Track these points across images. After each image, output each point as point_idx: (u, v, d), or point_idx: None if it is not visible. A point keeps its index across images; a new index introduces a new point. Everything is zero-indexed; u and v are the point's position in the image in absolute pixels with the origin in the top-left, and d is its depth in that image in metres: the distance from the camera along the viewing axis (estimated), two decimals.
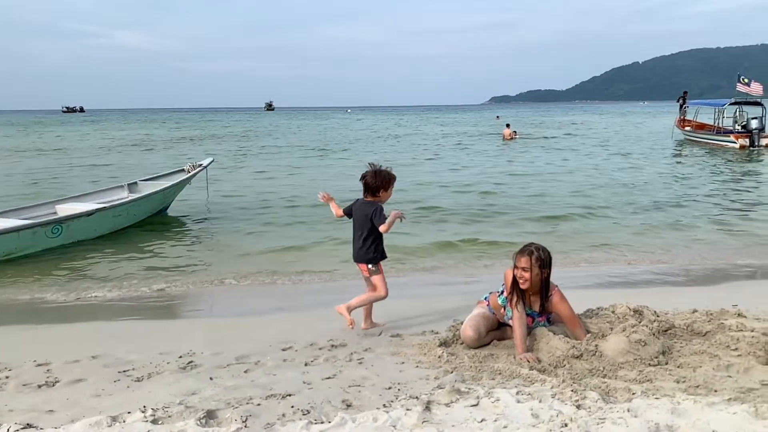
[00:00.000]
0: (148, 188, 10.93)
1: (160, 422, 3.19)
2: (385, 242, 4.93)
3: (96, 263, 7.97)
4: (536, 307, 4.32)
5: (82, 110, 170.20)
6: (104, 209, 9.40)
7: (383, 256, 4.89)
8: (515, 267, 4.20)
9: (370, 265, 4.83)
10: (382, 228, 4.62)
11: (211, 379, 3.92)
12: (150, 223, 10.54)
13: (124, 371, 4.11)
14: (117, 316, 5.92)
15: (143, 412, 3.28)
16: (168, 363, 4.25)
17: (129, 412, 3.30)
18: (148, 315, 5.97)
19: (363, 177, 4.81)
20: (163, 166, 17.87)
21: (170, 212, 11.52)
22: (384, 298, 4.86)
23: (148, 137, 42.03)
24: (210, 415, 3.26)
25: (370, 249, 4.79)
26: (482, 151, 26.65)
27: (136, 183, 11.39)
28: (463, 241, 8.91)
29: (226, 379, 3.92)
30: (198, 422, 3.14)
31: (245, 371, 4.06)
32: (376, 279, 4.85)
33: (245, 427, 3.12)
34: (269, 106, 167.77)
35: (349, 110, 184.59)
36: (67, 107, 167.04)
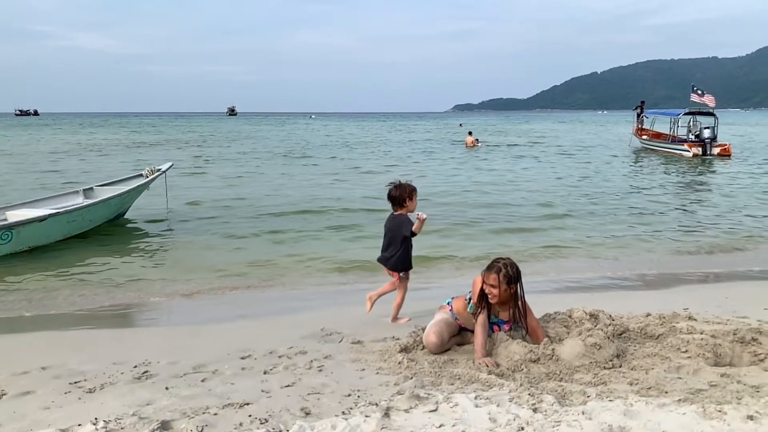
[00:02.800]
0: (104, 193, 10.66)
1: None
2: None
3: (47, 271, 7.71)
4: (503, 316, 4.37)
5: (36, 113, 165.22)
6: (58, 214, 9.11)
7: (410, 267, 5.41)
8: (484, 282, 4.25)
9: (401, 274, 5.35)
10: (415, 229, 5.14)
11: (166, 389, 3.83)
12: (106, 229, 10.28)
13: (76, 382, 3.98)
14: (69, 325, 5.74)
15: (94, 424, 3.18)
16: (122, 373, 4.13)
17: (80, 425, 3.20)
18: (101, 324, 5.81)
19: (388, 193, 5.30)
20: (121, 171, 17.45)
21: (128, 218, 11.26)
22: (405, 290, 5.44)
23: (105, 141, 41.02)
24: (165, 426, 3.18)
25: (398, 260, 5.29)
26: (446, 159, 26.89)
27: (92, 188, 11.09)
28: (428, 252, 8.91)
29: (182, 388, 3.83)
30: None
31: (202, 380, 3.98)
32: (402, 285, 5.39)
33: None
34: (231, 111, 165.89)
35: (312, 116, 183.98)
36: (20, 110, 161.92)
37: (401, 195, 5.22)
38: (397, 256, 5.28)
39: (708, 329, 4.51)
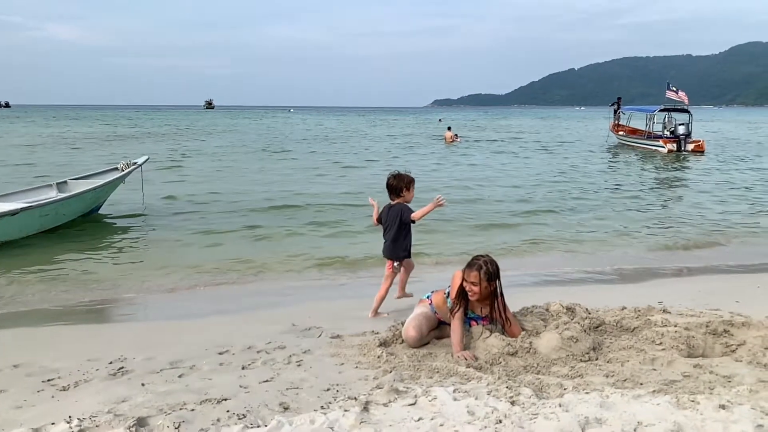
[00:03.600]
0: (78, 187, 10.47)
1: None
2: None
3: (19, 267, 7.54)
4: (479, 312, 4.40)
5: (7, 105, 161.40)
6: (30, 208, 8.93)
7: (407, 256, 5.46)
8: (464, 280, 4.26)
9: (395, 263, 5.37)
10: (414, 216, 5.21)
11: (142, 385, 3.78)
12: (80, 224, 10.10)
13: (49, 380, 3.91)
14: (42, 322, 5.62)
15: (68, 422, 3.12)
16: (97, 370, 4.07)
17: (53, 423, 3.14)
18: (75, 320, 5.70)
19: (387, 182, 5.39)
20: (95, 165, 17.14)
21: (103, 213, 11.08)
22: (389, 287, 5.43)
23: (79, 135, 40.27)
24: (141, 423, 3.14)
25: (397, 248, 5.35)
26: (426, 154, 26.91)
27: (65, 182, 10.88)
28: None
29: (158, 384, 3.78)
30: (128, 431, 3.02)
31: (179, 376, 3.93)
32: (388, 274, 5.39)
33: None
34: (209, 105, 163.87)
35: (291, 110, 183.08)
36: None
37: (399, 185, 5.29)
38: (396, 243, 5.32)
39: (682, 322, 4.59)
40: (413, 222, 5.29)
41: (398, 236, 5.31)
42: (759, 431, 2.77)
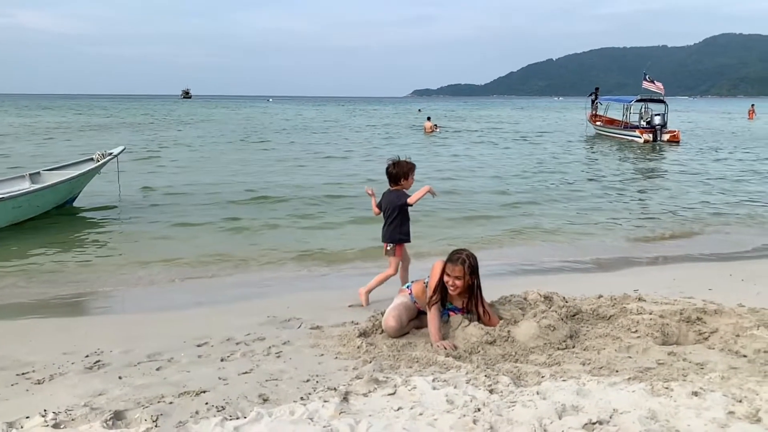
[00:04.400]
0: (52, 178, 10.26)
1: (62, 426, 3.01)
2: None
3: None
4: (458, 304, 4.42)
5: None
6: (2, 200, 8.74)
7: (405, 239, 5.48)
8: (446, 274, 4.27)
9: (389, 246, 5.42)
10: (410, 200, 5.29)
11: (119, 378, 3.74)
12: (54, 216, 9.92)
13: (23, 374, 3.85)
14: (15, 315, 5.53)
15: (43, 416, 3.08)
16: (72, 363, 4.02)
17: (27, 417, 3.10)
18: (50, 314, 5.60)
19: (386, 169, 5.48)
20: (70, 155, 16.81)
21: (78, 205, 10.89)
22: (392, 275, 5.47)
23: (52, 124, 39.45)
24: (118, 416, 3.12)
25: (394, 231, 5.40)
26: (407, 144, 26.89)
27: (39, 173, 10.66)
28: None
29: (136, 377, 3.75)
30: (104, 424, 2.99)
31: (157, 369, 3.90)
32: (391, 259, 5.44)
33: (156, 426, 3.00)
34: (186, 94, 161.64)
35: (270, 99, 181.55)
36: None
37: (398, 173, 5.37)
38: (393, 227, 5.39)
39: (656, 309, 4.68)
40: (410, 205, 5.36)
41: (396, 220, 5.39)
42: (730, 417, 2.84)
